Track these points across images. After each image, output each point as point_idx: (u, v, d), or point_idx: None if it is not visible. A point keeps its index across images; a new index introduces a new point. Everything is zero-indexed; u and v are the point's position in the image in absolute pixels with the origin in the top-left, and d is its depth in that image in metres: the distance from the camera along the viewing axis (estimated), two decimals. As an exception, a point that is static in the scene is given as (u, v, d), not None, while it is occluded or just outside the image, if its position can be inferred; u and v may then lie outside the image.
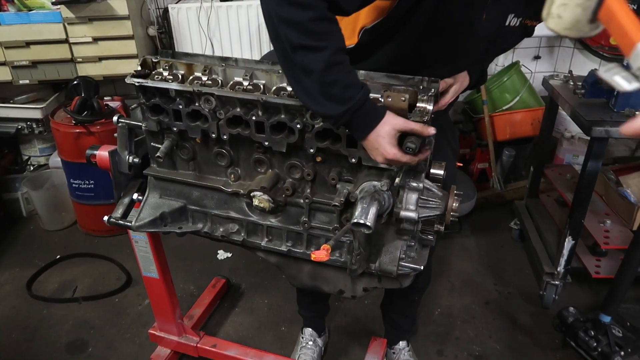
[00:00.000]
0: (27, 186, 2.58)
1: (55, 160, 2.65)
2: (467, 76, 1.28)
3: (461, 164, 2.83)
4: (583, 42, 3.07)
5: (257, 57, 2.82)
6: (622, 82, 0.52)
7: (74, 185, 2.46)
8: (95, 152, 1.34)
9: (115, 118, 1.27)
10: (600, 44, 2.99)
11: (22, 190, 2.66)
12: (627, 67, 0.51)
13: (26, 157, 2.87)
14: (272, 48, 2.81)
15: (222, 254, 2.41)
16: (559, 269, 1.93)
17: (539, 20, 1.14)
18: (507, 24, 1.10)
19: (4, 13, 2.45)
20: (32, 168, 2.85)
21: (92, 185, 2.44)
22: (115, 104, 2.56)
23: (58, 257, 2.40)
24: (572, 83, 2.02)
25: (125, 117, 1.28)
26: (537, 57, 3.22)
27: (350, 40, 1.13)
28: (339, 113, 0.93)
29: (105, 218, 1.32)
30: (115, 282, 2.23)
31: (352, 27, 1.12)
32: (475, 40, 1.12)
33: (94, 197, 2.46)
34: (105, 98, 2.62)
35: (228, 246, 2.42)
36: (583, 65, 3.14)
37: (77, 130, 2.33)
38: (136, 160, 1.30)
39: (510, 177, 2.89)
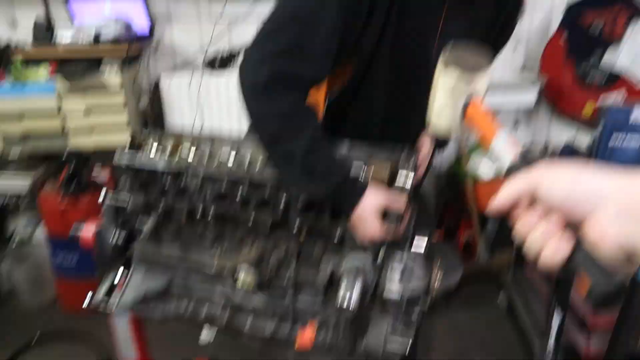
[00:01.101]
0: (9, 261, 2.52)
1: (40, 234, 2.61)
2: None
3: (439, 237, 2.84)
4: (559, 110, 3.20)
5: (246, 126, 2.90)
6: (484, 166, 0.64)
7: (57, 260, 2.42)
8: (80, 229, 1.34)
9: (102, 196, 1.28)
10: (576, 113, 3.11)
11: (4, 266, 2.60)
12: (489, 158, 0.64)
13: (10, 231, 2.82)
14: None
15: (206, 332, 2.34)
16: (549, 346, 1.90)
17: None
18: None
19: (-1, 86, 2.51)
20: (15, 242, 2.80)
21: (75, 261, 2.39)
22: (104, 176, 2.58)
23: (37, 337, 2.30)
24: (548, 155, 2.09)
25: (112, 194, 1.29)
26: (515, 125, 3.34)
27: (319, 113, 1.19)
28: (323, 192, 0.97)
29: (86, 301, 1.30)
30: (95, 363, 2.14)
31: (317, 100, 1.18)
32: (432, 74, 1.20)
33: (77, 273, 2.40)
34: (94, 170, 2.64)
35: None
36: (560, 133, 3.25)
37: (64, 204, 2.33)
38: (121, 238, 1.30)
39: (496, 247, 2.90)
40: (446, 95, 0.69)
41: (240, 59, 1.03)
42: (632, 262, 0.48)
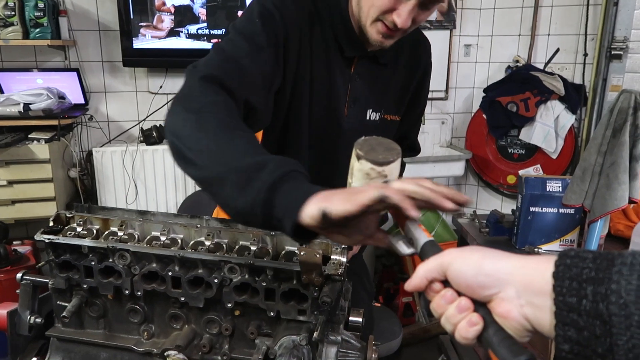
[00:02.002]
0: None
1: (-54, 313, 2.37)
2: None
3: (379, 304, 2.86)
4: (485, 180, 3.42)
5: (181, 197, 2.85)
6: (402, 247, 0.69)
7: (-36, 342, 2.19)
8: (-8, 309, 1.23)
9: (19, 275, 1.20)
10: (500, 182, 3.34)
11: None
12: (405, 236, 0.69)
13: None
14: (195, 189, 2.88)
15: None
16: (488, 408, 1.91)
17: (394, 114, 1.33)
18: (367, 118, 1.28)
19: None
20: None
21: (-14, 342, 2.18)
22: (25, 249, 2.42)
23: None
24: (477, 222, 2.20)
25: (30, 274, 1.21)
26: (447, 194, 3.52)
27: None
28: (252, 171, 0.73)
29: (-5, 390, 1.17)
30: None
31: None
32: (347, 139, 1.23)
33: (-13, 356, 2.19)
34: (14, 242, 2.48)
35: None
36: (488, 201, 3.46)
37: (-23, 280, 2.15)
38: (38, 320, 1.20)
39: (434, 310, 2.95)
40: (361, 180, 0.73)
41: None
42: (539, 333, 0.53)
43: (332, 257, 1.05)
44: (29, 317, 1.21)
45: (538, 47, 3.27)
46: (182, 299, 1.09)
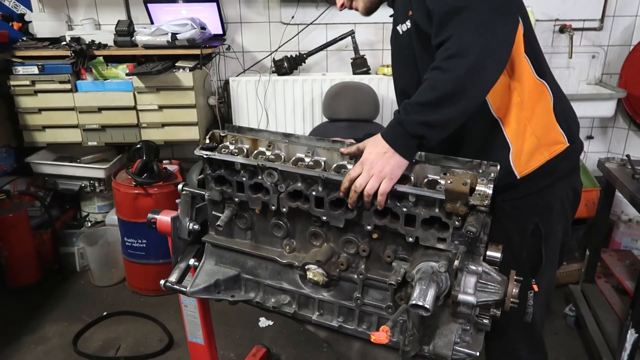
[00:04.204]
0: (83, 241, 2.69)
1: (112, 218, 2.77)
2: None
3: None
4: (639, 124, 3.03)
5: (309, 128, 2.94)
6: None
7: (127, 243, 2.55)
8: (156, 216, 1.40)
9: (180, 186, 1.34)
10: (657, 128, 2.93)
11: (78, 246, 2.78)
12: None
13: (85, 214, 3.01)
14: (322, 120, 2.95)
15: (263, 322, 2.39)
16: (621, 364, 1.80)
17: (410, 9, 1.21)
18: (401, 33, 1.25)
19: (82, 81, 2.68)
20: (89, 224, 2.98)
21: (144, 245, 2.52)
22: (173, 168, 2.69)
23: (105, 313, 2.45)
24: (629, 167, 1.97)
25: (189, 186, 1.34)
26: (590, 137, 3.19)
27: None
28: None
29: (162, 282, 1.35)
30: (157, 344, 2.23)
31: None
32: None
33: (145, 257, 2.53)
34: (164, 161, 2.75)
35: (270, 314, 2.40)
36: (638, 147, 3.09)
37: (136, 191, 2.45)
38: (196, 227, 1.35)
39: (563, 258, 2.78)
40: None
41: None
42: None
43: (477, 188, 1.02)
44: (188, 223, 1.36)
45: None
46: (324, 218, 1.14)
